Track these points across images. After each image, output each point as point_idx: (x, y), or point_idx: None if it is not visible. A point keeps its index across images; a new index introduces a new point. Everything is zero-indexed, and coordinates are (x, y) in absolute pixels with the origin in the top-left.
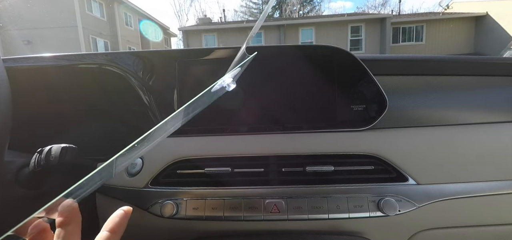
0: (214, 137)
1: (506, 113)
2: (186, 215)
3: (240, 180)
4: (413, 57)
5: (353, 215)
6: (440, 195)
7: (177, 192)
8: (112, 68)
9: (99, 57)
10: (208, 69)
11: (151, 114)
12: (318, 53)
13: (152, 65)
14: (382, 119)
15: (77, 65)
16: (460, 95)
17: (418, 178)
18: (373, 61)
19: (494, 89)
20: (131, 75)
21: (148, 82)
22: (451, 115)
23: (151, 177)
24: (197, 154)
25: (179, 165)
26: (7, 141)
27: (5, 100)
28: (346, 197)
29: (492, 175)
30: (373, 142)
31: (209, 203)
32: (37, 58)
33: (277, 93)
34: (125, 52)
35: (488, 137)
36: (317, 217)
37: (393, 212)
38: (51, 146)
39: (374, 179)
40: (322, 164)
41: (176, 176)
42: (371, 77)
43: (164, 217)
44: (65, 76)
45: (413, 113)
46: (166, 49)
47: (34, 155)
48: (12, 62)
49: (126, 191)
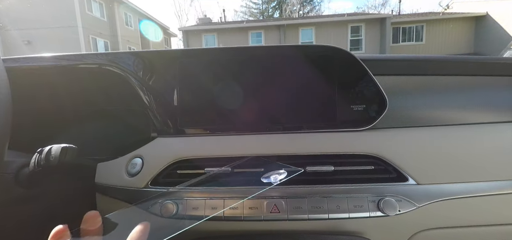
0: (214, 137)
1: (506, 113)
2: (186, 215)
3: (240, 180)
4: (413, 57)
5: (353, 215)
6: (440, 195)
7: (177, 192)
8: (112, 68)
9: (99, 57)
10: (209, 69)
11: (151, 114)
12: (318, 53)
13: (152, 65)
14: (382, 119)
15: (77, 65)
16: (460, 95)
17: (418, 178)
18: (373, 61)
19: (494, 89)
20: (131, 75)
21: (148, 82)
22: (451, 115)
23: (151, 177)
24: (197, 154)
25: (179, 165)
26: (7, 141)
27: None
28: (346, 197)
29: (492, 175)
30: (373, 142)
31: (209, 203)
32: (37, 58)
33: (277, 93)
34: (125, 52)
35: (488, 137)
36: (317, 217)
37: (393, 212)
38: (51, 146)
39: (374, 179)
40: (322, 164)
41: (176, 176)
42: (371, 77)
43: (164, 217)
44: (65, 76)
45: (413, 113)
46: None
47: (34, 155)
48: (12, 62)
49: (126, 191)
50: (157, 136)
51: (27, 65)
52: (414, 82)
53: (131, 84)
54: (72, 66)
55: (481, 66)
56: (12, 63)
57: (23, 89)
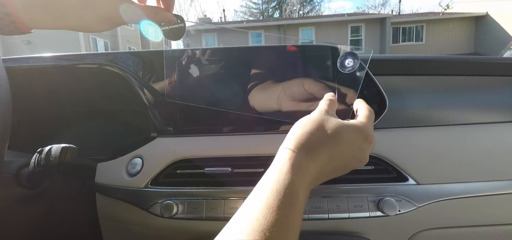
0: (214, 137)
1: (506, 113)
2: (186, 215)
3: (240, 180)
4: (413, 57)
5: (353, 215)
6: (440, 195)
7: (177, 192)
8: (112, 68)
9: (99, 57)
10: (208, 69)
11: (151, 114)
12: (319, 52)
13: (152, 65)
14: (382, 119)
15: (77, 65)
16: (460, 95)
17: (418, 178)
18: (373, 61)
19: (494, 89)
20: (131, 75)
21: (148, 82)
22: (451, 115)
23: (151, 177)
24: (197, 154)
25: (179, 165)
26: (7, 141)
27: (5, 100)
28: (346, 197)
29: (492, 175)
30: None
31: (209, 203)
32: (37, 58)
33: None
34: (125, 52)
35: (488, 137)
36: (317, 217)
37: (393, 212)
38: (51, 146)
39: (374, 179)
40: None
41: (176, 176)
42: (371, 77)
43: (164, 217)
44: (65, 76)
45: (413, 113)
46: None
47: (34, 155)
48: (12, 62)
49: (126, 191)
50: (157, 136)
51: (27, 65)
52: (414, 82)
53: (131, 84)
54: (72, 66)
55: (481, 66)
56: (12, 63)
57: (23, 89)
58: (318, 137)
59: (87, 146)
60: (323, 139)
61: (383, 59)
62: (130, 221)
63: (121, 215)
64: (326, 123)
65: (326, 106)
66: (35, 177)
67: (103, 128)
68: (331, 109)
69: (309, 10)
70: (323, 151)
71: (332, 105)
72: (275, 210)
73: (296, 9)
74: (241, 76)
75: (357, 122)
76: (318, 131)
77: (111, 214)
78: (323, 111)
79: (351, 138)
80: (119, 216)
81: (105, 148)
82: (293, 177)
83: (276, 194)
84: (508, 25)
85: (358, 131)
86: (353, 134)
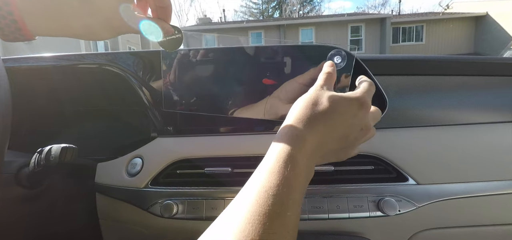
0: (214, 137)
1: (506, 113)
2: (186, 215)
3: (240, 180)
4: (413, 57)
5: (353, 215)
6: (440, 195)
7: (177, 192)
8: (112, 68)
9: (99, 57)
10: (208, 69)
11: (151, 114)
12: (319, 52)
13: (152, 65)
14: (382, 119)
15: (77, 65)
16: (460, 95)
17: (418, 178)
18: (373, 61)
19: (494, 89)
20: (131, 75)
21: (148, 82)
22: (451, 115)
23: (151, 177)
24: (197, 154)
25: (179, 165)
26: (7, 141)
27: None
28: (346, 197)
29: (492, 175)
30: (373, 142)
31: (209, 203)
32: (37, 58)
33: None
34: (125, 52)
35: (488, 137)
36: (317, 217)
37: (393, 212)
38: (51, 146)
39: (374, 179)
40: (322, 164)
41: (176, 176)
42: (371, 77)
43: (164, 217)
44: (65, 76)
45: (413, 113)
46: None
47: (34, 155)
48: (12, 62)
49: (126, 191)
50: (157, 136)
51: (27, 65)
52: (414, 82)
53: (131, 84)
54: (72, 66)
55: (481, 66)
56: (12, 63)
57: (23, 89)
58: (314, 110)
59: (87, 146)
60: (320, 111)
61: (383, 59)
62: (130, 221)
63: (121, 215)
64: (321, 97)
65: (322, 81)
66: (35, 177)
67: (103, 128)
68: (327, 83)
69: (309, 10)
70: (320, 122)
71: (329, 78)
72: (276, 173)
73: (296, 9)
74: (238, 77)
75: (352, 93)
76: (314, 105)
77: (111, 214)
78: (318, 87)
79: (346, 107)
80: (119, 216)
81: (105, 148)
82: (291, 146)
83: (276, 161)
84: (508, 25)
85: (352, 99)
86: (347, 103)
